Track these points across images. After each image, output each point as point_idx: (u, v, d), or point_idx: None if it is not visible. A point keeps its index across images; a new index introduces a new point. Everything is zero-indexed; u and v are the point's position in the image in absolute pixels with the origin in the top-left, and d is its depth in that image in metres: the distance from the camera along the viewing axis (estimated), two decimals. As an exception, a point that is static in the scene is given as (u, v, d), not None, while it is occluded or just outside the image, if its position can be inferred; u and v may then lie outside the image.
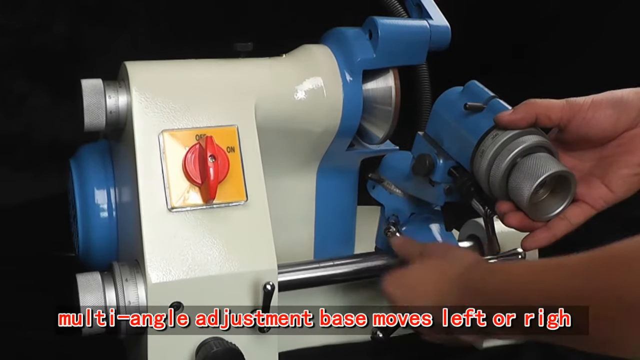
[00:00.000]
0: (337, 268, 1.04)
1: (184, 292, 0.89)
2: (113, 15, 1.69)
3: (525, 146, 0.86)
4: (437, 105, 0.97)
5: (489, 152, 0.88)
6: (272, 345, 0.95)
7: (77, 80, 0.93)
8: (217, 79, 0.98)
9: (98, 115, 0.92)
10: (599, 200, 0.89)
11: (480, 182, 0.90)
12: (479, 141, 0.90)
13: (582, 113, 0.87)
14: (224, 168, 0.92)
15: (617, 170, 0.88)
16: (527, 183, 0.85)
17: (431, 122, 0.97)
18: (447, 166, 0.94)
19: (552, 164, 0.85)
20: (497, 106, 0.91)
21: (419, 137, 0.99)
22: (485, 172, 0.89)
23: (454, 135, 0.93)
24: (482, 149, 0.89)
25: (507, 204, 0.89)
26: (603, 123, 0.88)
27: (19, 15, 1.61)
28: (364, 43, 1.02)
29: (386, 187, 1.06)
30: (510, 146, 0.87)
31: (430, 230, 1.06)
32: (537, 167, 0.85)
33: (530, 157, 0.86)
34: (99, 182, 1.01)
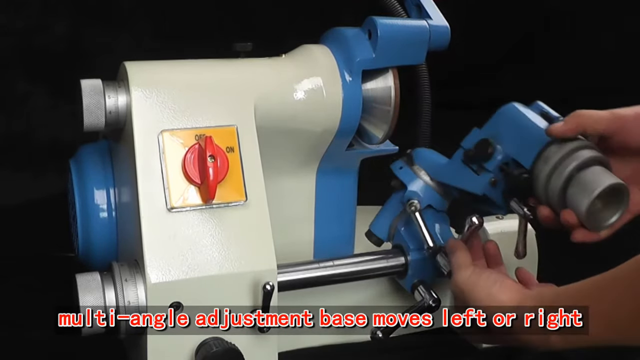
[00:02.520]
0: (337, 268, 1.04)
1: (184, 292, 0.89)
2: (113, 15, 1.70)
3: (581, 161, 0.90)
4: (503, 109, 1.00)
5: (550, 163, 0.92)
6: (272, 345, 0.95)
7: (77, 80, 0.93)
8: (216, 79, 0.98)
9: (98, 115, 0.92)
10: (637, 205, 0.93)
11: (538, 187, 0.93)
12: (544, 146, 0.93)
13: (627, 125, 0.91)
14: (223, 168, 0.92)
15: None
16: (584, 197, 0.88)
17: (492, 122, 1.00)
18: (503, 159, 0.96)
19: (607, 177, 0.89)
20: None
21: (475, 130, 1.01)
22: (546, 179, 0.92)
23: (518, 135, 0.96)
24: (547, 155, 0.92)
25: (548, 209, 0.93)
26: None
27: (20, 16, 1.61)
28: (364, 43, 1.02)
29: (415, 170, 1.07)
30: (567, 161, 0.91)
31: (434, 230, 1.06)
32: (594, 181, 0.89)
33: (586, 171, 0.90)
34: (99, 182, 1.01)
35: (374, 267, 1.06)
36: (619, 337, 0.76)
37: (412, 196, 1.06)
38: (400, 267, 1.07)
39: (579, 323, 0.79)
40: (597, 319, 0.77)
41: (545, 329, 0.82)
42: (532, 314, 0.84)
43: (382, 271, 1.07)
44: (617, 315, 0.75)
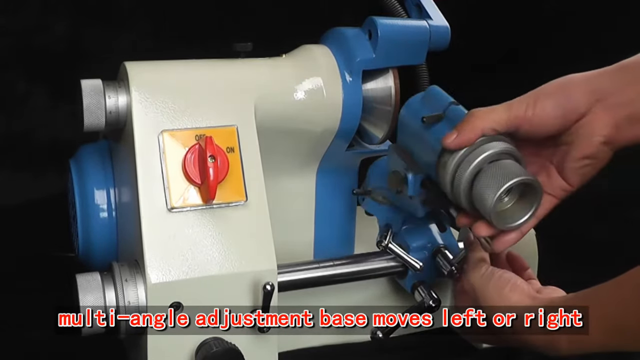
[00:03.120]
0: (337, 268, 1.04)
1: (184, 292, 0.89)
2: (113, 15, 1.69)
3: (488, 154, 0.85)
4: (401, 114, 0.96)
5: (449, 165, 0.87)
6: (272, 345, 0.95)
7: (77, 80, 0.93)
8: (216, 79, 0.98)
9: (98, 115, 0.92)
10: (558, 190, 0.90)
11: (447, 194, 0.89)
12: (440, 154, 0.89)
13: (527, 119, 0.87)
14: (223, 168, 0.92)
15: (568, 163, 0.89)
16: (490, 192, 0.83)
17: (399, 131, 0.96)
18: (418, 180, 0.93)
19: (516, 171, 0.83)
20: (456, 113, 0.90)
21: (390, 149, 0.98)
22: (449, 184, 0.87)
23: (419, 145, 0.93)
24: (444, 162, 0.88)
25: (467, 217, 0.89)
26: (547, 122, 0.87)
27: (20, 16, 1.61)
28: (364, 43, 1.02)
29: (374, 198, 1.05)
30: (471, 156, 0.85)
31: (430, 230, 1.06)
32: (501, 175, 0.83)
33: (494, 164, 0.85)
34: (99, 182, 1.01)
35: (374, 267, 1.06)
36: (628, 343, 0.75)
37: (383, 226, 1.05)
38: (400, 267, 1.07)
39: (586, 328, 0.78)
40: (605, 324, 0.77)
41: (553, 332, 0.81)
42: (541, 316, 0.84)
43: (382, 271, 1.07)
44: (626, 321, 0.74)
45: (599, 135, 0.87)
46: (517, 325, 0.86)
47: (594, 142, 0.87)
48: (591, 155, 0.88)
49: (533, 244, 1.15)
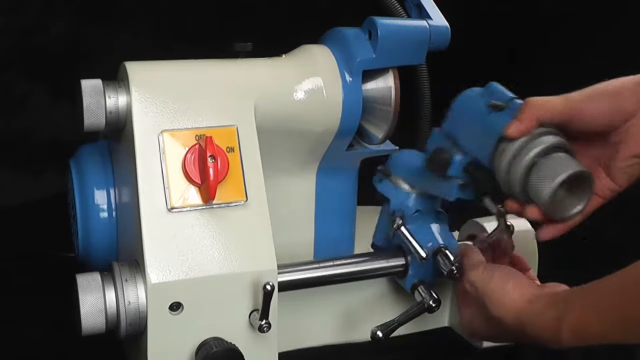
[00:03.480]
0: (337, 268, 1.04)
1: (184, 292, 0.89)
2: (113, 15, 1.69)
3: (544, 147, 0.87)
4: (457, 102, 0.97)
5: (509, 151, 0.89)
6: (272, 345, 0.95)
7: (77, 80, 0.93)
8: (216, 79, 0.98)
9: (98, 115, 0.92)
10: (605, 190, 0.91)
11: (500, 180, 0.91)
12: (499, 140, 0.90)
13: (583, 110, 0.89)
14: (223, 168, 0.92)
15: (616, 163, 0.90)
16: (547, 184, 0.85)
17: (449, 119, 0.97)
18: (464, 162, 0.94)
19: (571, 163, 0.86)
20: (518, 106, 0.91)
21: (435, 133, 0.99)
22: (505, 171, 0.89)
23: (473, 132, 0.94)
24: (502, 148, 0.89)
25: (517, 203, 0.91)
26: (599, 119, 0.89)
27: (20, 16, 1.61)
28: (364, 43, 1.02)
29: (393, 181, 1.06)
30: (527, 147, 0.88)
31: (431, 230, 1.06)
32: (557, 167, 0.85)
33: (549, 157, 0.87)
34: (99, 182, 1.01)
35: (374, 267, 1.06)
36: (630, 335, 0.76)
37: (395, 209, 1.06)
38: (400, 267, 1.07)
39: (591, 321, 0.79)
40: (608, 316, 0.77)
41: (557, 326, 0.82)
42: (545, 310, 0.84)
43: (382, 271, 1.07)
44: (629, 312, 0.75)
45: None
46: (528, 320, 0.86)
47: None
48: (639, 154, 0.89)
49: (533, 244, 1.15)
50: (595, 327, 0.78)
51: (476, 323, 0.96)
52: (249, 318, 0.93)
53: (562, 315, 0.81)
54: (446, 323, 1.18)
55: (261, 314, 0.91)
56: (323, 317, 1.11)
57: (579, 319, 0.80)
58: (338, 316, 1.12)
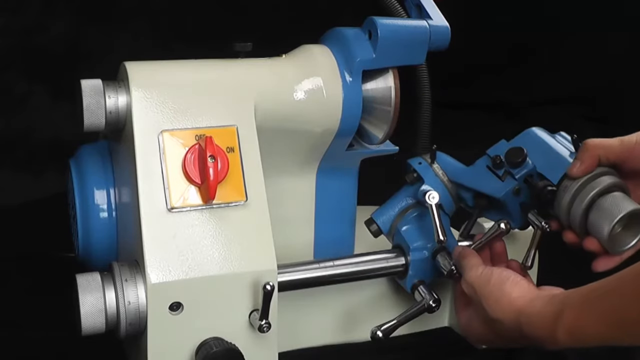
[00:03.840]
0: (337, 268, 1.04)
1: (184, 292, 0.89)
2: (113, 15, 1.69)
3: (602, 187, 0.95)
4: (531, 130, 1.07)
5: (571, 189, 0.97)
6: (272, 345, 0.95)
7: (77, 80, 0.93)
8: (216, 79, 0.98)
9: (98, 115, 0.92)
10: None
11: (560, 213, 0.99)
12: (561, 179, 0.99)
13: (635, 152, 0.96)
14: (223, 168, 0.92)
15: None
16: (606, 222, 0.93)
17: (520, 137, 1.06)
18: (531, 170, 1.02)
19: (627, 203, 0.94)
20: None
21: (503, 142, 1.06)
22: (567, 207, 0.97)
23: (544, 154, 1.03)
24: (565, 185, 0.98)
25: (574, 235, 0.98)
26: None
27: (20, 16, 1.61)
28: (364, 43, 1.02)
29: (435, 169, 1.08)
30: (588, 187, 0.96)
31: (431, 231, 1.06)
32: (615, 207, 0.93)
33: (607, 197, 0.95)
34: (99, 182, 1.01)
35: (374, 267, 1.07)
36: (627, 337, 0.76)
37: (424, 192, 1.05)
38: (400, 267, 1.07)
39: (587, 321, 0.79)
40: (605, 317, 0.77)
41: (553, 326, 0.82)
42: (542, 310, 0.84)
43: (382, 271, 1.07)
44: (626, 314, 0.75)
45: None
46: (526, 321, 0.86)
47: None
48: None
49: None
50: (591, 328, 0.79)
51: (474, 325, 0.96)
52: (249, 318, 0.93)
53: (558, 316, 0.82)
54: (446, 323, 1.18)
55: (261, 314, 0.91)
56: (323, 317, 1.11)
57: (575, 320, 0.80)
58: (338, 316, 1.12)
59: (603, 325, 0.78)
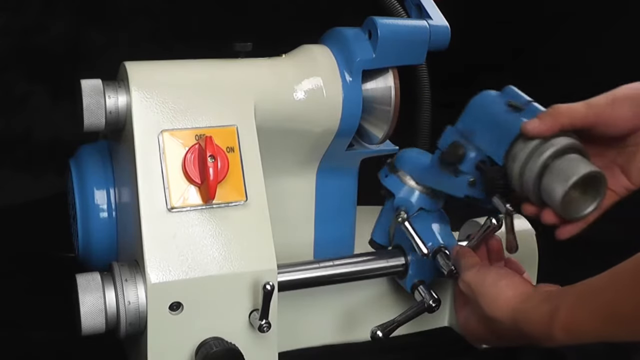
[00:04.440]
0: (337, 268, 1.04)
1: (184, 292, 0.89)
2: (113, 15, 1.69)
3: (557, 149, 0.88)
4: (474, 101, 0.98)
5: (521, 156, 0.89)
6: (272, 345, 0.95)
7: (77, 80, 0.93)
8: (216, 79, 0.98)
9: (98, 115, 0.92)
10: (620, 188, 0.93)
11: (513, 181, 0.91)
12: (511, 144, 0.91)
13: (603, 115, 0.89)
14: (223, 168, 0.92)
15: (634, 164, 0.91)
16: (559, 185, 0.86)
17: (465, 117, 0.98)
18: (477, 158, 0.95)
19: (583, 165, 0.86)
20: (535, 110, 0.92)
21: (449, 129, 0.99)
22: (519, 172, 0.90)
23: (489, 131, 0.94)
24: (514, 152, 0.90)
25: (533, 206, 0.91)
26: (622, 122, 0.90)
27: (20, 16, 1.61)
28: (364, 43, 1.02)
29: (400, 177, 1.07)
30: (541, 149, 0.88)
31: (431, 230, 1.06)
32: (569, 169, 0.86)
33: (562, 159, 0.87)
34: (99, 182, 1.01)
35: (374, 267, 1.07)
36: (622, 331, 0.76)
37: (400, 204, 1.06)
38: (400, 267, 1.07)
39: (582, 317, 0.79)
40: (600, 312, 0.77)
41: (549, 322, 0.82)
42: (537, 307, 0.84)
43: (382, 271, 1.07)
44: (621, 308, 0.75)
45: None
46: (522, 318, 0.86)
47: None
48: None
49: (533, 244, 1.15)
50: (586, 324, 0.79)
51: (472, 324, 0.96)
52: (249, 318, 0.93)
53: (554, 312, 0.82)
54: (446, 323, 1.18)
55: (261, 314, 0.91)
56: (323, 317, 1.11)
57: (571, 315, 0.80)
58: (338, 316, 1.12)
59: (598, 321, 0.77)
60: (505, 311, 0.88)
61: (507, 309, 0.88)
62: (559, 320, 0.81)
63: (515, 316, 0.87)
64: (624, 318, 0.75)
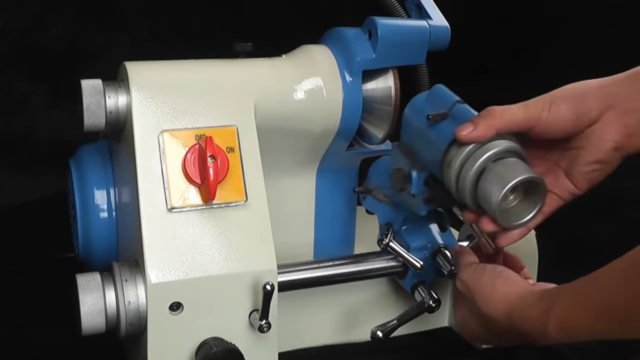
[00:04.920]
0: (337, 268, 1.04)
1: (184, 292, 0.89)
2: (113, 15, 1.69)
3: (493, 152, 0.85)
4: (406, 112, 0.96)
5: (455, 163, 0.87)
6: (272, 345, 0.95)
7: (77, 80, 0.93)
8: (216, 79, 0.98)
9: (98, 115, 0.92)
10: (565, 192, 0.91)
11: (451, 190, 0.89)
12: (445, 152, 0.88)
13: (541, 120, 0.88)
14: (223, 168, 0.92)
15: (578, 167, 0.90)
16: (495, 190, 0.83)
17: (403, 130, 0.96)
18: (422, 178, 0.93)
19: (521, 169, 0.83)
20: (462, 112, 0.89)
21: (394, 148, 0.98)
22: (454, 180, 0.87)
23: (423, 144, 0.92)
24: (449, 160, 0.87)
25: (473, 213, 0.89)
26: (562, 124, 0.88)
27: (20, 16, 1.61)
28: (364, 43, 1.02)
29: (375, 196, 1.05)
30: (477, 153, 0.85)
31: (430, 230, 1.06)
32: (506, 174, 0.83)
33: (499, 162, 0.85)
34: (99, 182, 1.01)
35: (374, 267, 1.06)
36: (617, 328, 0.76)
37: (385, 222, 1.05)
38: (400, 267, 1.07)
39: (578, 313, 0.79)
40: (595, 308, 0.77)
41: (544, 318, 0.82)
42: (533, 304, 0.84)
43: (382, 271, 1.07)
44: (615, 304, 0.75)
45: (610, 140, 0.88)
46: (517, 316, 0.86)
47: (605, 148, 0.89)
48: (601, 161, 0.89)
49: (533, 244, 1.15)
50: (582, 320, 0.78)
51: (469, 323, 0.96)
52: (249, 318, 0.93)
53: (549, 309, 0.81)
54: (446, 323, 1.18)
55: (261, 314, 0.91)
56: (323, 317, 1.11)
57: (566, 311, 0.80)
58: (338, 316, 1.12)
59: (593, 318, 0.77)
60: (501, 309, 0.88)
61: (503, 307, 0.88)
62: (554, 317, 0.80)
63: (511, 314, 0.87)
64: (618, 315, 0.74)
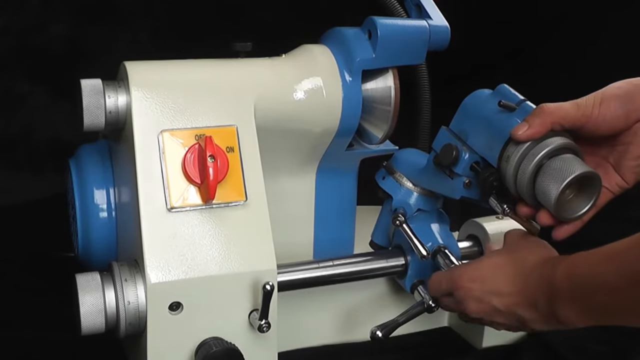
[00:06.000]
0: (337, 268, 1.04)
1: (184, 292, 0.89)
2: (113, 15, 1.69)
3: (550, 149, 0.88)
4: (467, 101, 0.98)
5: (514, 157, 0.89)
6: (272, 345, 0.95)
7: (77, 80, 0.93)
8: (216, 79, 0.98)
9: (97, 115, 0.92)
10: (615, 185, 0.93)
11: (508, 182, 0.91)
12: (504, 145, 0.91)
13: (593, 115, 0.90)
14: (223, 168, 0.92)
15: (626, 162, 0.92)
16: (554, 185, 0.86)
17: (458, 117, 0.98)
18: (471, 160, 0.95)
19: (577, 165, 0.86)
20: (528, 109, 0.91)
21: (443, 131, 0.99)
22: (513, 173, 0.90)
23: (482, 132, 0.94)
24: (507, 154, 0.90)
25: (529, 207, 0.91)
26: (611, 121, 0.90)
27: (20, 16, 1.61)
28: (364, 43, 1.02)
29: (397, 179, 1.07)
30: (534, 150, 0.88)
31: (431, 231, 1.06)
32: (563, 169, 0.86)
33: (556, 159, 0.87)
34: (99, 182, 1.01)
35: (374, 267, 1.07)
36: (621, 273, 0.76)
37: (398, 206, 1.06)
38: (400, 267, 1.07)
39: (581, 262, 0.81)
40: (598, 255, 0.79)
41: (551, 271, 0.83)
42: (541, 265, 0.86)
43: (382, 271, 1.07)
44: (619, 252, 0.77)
45: None
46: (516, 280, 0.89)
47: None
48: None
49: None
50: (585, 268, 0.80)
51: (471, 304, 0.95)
52: (249, 318, 0.93)
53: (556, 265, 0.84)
54: (446, 323, 1.18)
55: (261, 314, 0.91)
56: (323, 317, 1.11)
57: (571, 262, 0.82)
58: (338, 316, 1.12)
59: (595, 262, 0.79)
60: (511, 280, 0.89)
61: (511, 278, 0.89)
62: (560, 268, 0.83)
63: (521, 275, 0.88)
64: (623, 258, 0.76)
